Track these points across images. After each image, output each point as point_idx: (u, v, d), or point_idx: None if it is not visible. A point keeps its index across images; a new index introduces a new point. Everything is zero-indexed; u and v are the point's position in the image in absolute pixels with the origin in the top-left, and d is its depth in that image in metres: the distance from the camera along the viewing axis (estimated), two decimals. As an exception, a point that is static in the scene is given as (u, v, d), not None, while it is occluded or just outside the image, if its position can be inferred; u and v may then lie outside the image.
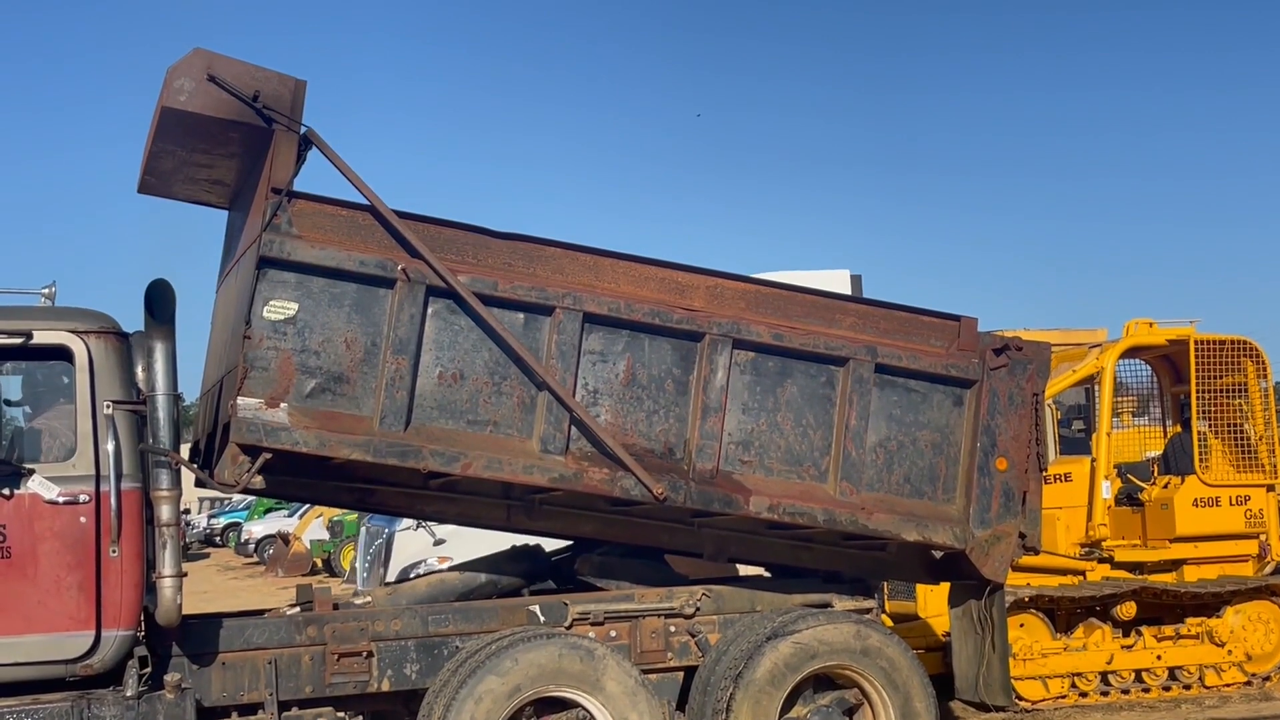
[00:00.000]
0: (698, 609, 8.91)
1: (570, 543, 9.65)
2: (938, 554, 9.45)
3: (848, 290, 14.32)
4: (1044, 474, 9.27)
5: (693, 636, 8.87)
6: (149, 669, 7.52)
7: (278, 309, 7.66)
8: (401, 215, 7.90)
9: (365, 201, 7.87)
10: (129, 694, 7.41)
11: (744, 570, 10.12)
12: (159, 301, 7.79)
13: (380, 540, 18.00)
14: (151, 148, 8.23)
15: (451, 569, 9.49)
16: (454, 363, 8.01)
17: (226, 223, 9.40)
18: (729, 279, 8.65)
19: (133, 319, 7.96)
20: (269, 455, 7.61)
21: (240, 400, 7.55)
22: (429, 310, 7.94)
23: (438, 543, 16.51)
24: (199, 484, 8.30)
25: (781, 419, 8.65)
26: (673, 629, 8.85)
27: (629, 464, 8.17)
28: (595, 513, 8.87)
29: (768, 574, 9.80)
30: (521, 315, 8.12)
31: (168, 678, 7.55)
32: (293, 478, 8.37)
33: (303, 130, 7.78)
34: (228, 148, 8.12)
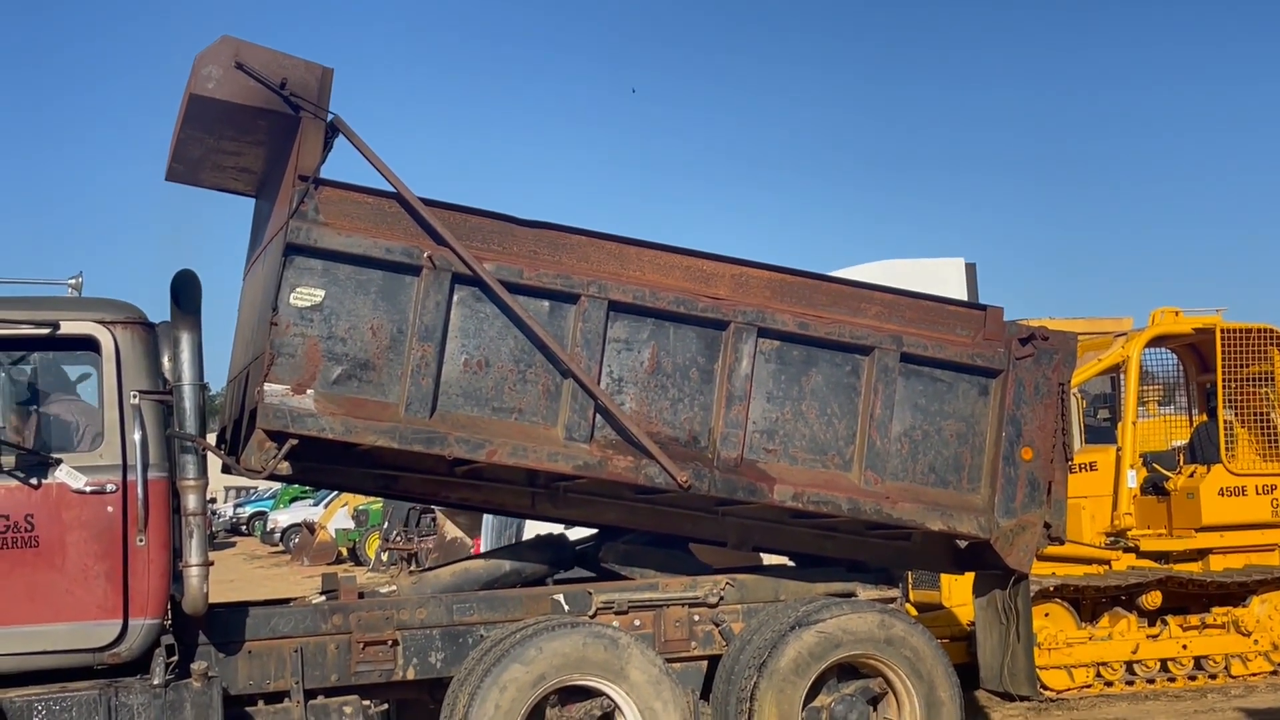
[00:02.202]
0: (722, 598, 8.94)
1: (595, 531, 9.67)
2: (962, 543, 9.43)
3: (962, 279, 14.37)
4: (1070, 464, 9.27)
5: (717, 626, 8.89)
6: (176, 657, 7.55)
7: (304, 296, 7.71)
8: (428, 203, 7.93)
9: (392, 189, 7.90)
10: (156, 682, 7.43)
11: (768, 559, 10.12)
12: (185, 291, 7.86)
13: (510, 529, 17.87)
14: (179, 135, 8.27)
15: (475, 557, 9.52)
16: (479, 350, 8.05)
17: (254, 210, 9.45)
18: (754, 267, 8.66)
19: (159, 310, 8.01)
20: (295, 441, 7.66)
21: (267, 386, 7.60)
22: (454, 298, 7.98)
23: (569, 526, 16.43)
24: (225, 472, 8.35)
25: (806, 408, 8.66)
26: (697, 618, 8.88)
27: (653, 452, 8.19)
28: (620, 501, 8.90)
29: (792, 563, 9.81)
30: (546, 303, 8.15)
31: (194, 666, 7.57)
32: (318, 464, 8.41)
33: (329, 118, 7.82)
34: (255, 135, 8.16)
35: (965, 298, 13.92)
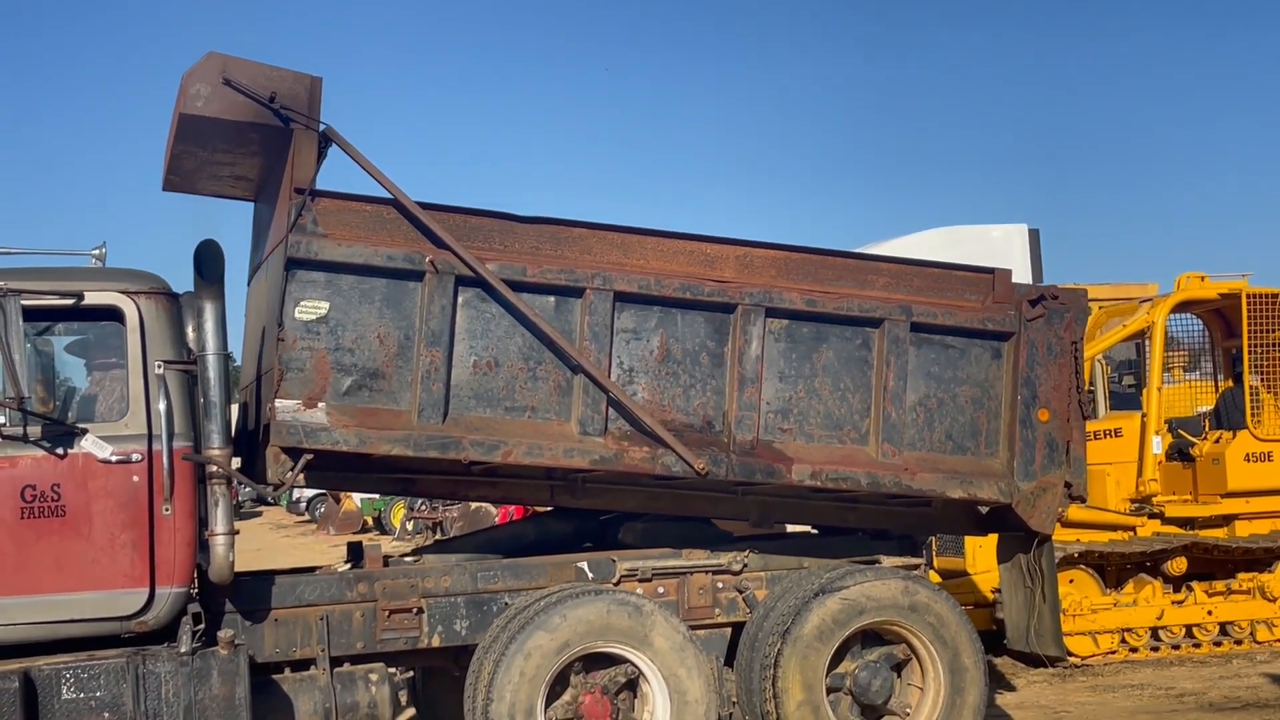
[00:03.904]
0: (745, 566, 8.98)
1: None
2: (984, 508, 9.46)
3: (1025, 245, 14.35)
4: (1086, 421, 9.27)
5: (740, 593, 8.95)
6: (203, 625, 7.60)
7: (309, 309, 7.71)
8: (425, 206, 7.92)
9: (389, 195, 7.90)
10: (183, 650, 7.47)
11: (791, 527, 10.14)
12: (208, 262, 7.86)
13: None
14: (172, 150, 8.29)
15: (500, 527, 9.56)
16: (488, 351, 8.06)
17: (253, 214, 9.45)
18: (757, 247, 8.63)
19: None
20: (310, 456, 7.70)
21: (278, 403, 7.62)
22: (459, 300, 7.98)
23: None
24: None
25: (819, 384, 8.66)
26: (720, 585, 8.93)
27: (668, 441, 8.20)
28: (639, 487, 8.89)
29: (815, 531, 9.84)
30: (552, 298, 8.15)
31: (221, 634, 7.61)
32: (335, 472, 8.47)
33: (321, 128, 7.81)
34: (249, 146, 8.17)
35: (1029, 263, 14.01)
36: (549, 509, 9.69)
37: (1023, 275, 13.33)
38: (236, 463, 8.23)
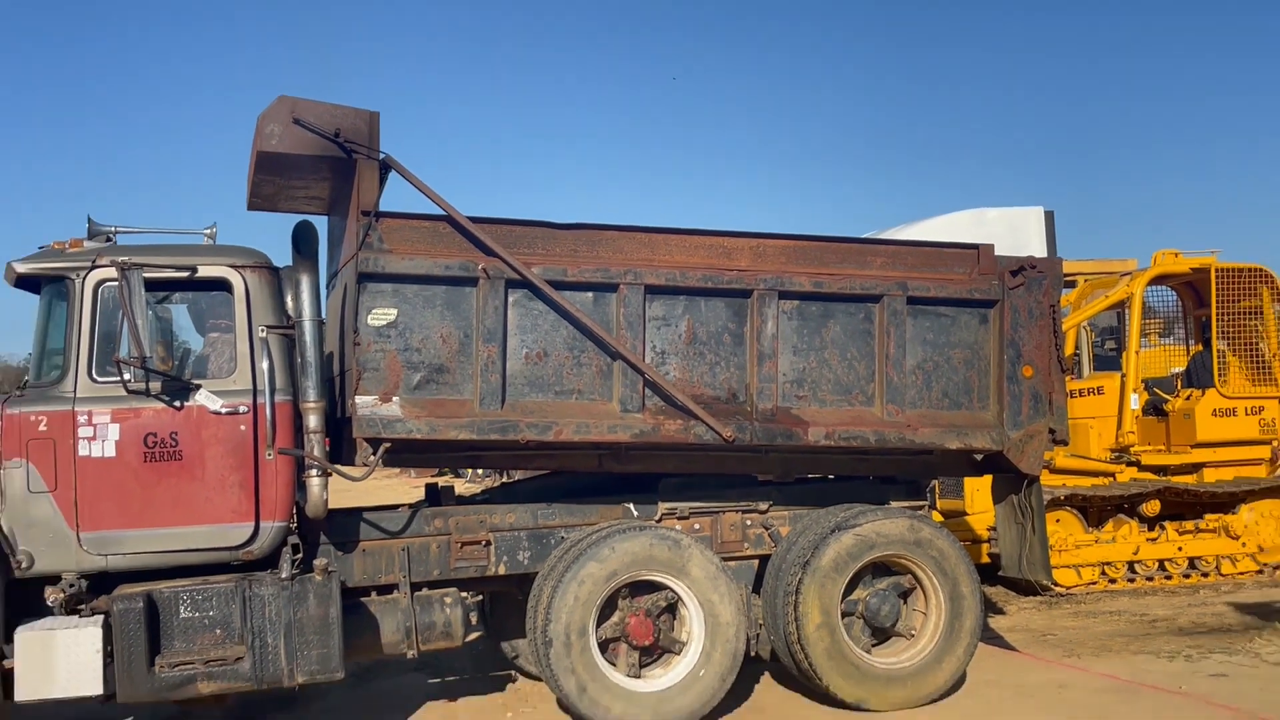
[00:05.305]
0: (771, 506, 9.57)
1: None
2: (978, 455, 10.02)
3: (1041, 225, 14.71)
4: (1068, 376, 9.55)
5: (766, 529, 9.54)
6: (300, 555, 8.27)
7: (380, 316, 8.33)
8: (475, 220, 8.53)
9: (443, 212, 8.52)
10: (284, 576, 8.17)
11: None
12: (304, 240, 8.54)
13: None
14: (253, 180, 8.92)
15: (558, 472, 9.89)
16: (537, 343, 8.66)
17: (328, 226, 10.01)
18: (769, 238, 9.16)
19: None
20: (389, 444, 8.35)
21: (358, 399, 8.25)
22: (509, 300, 8.59)
23: None
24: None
25: (829, 355, 9.20)
26: (749, 522, 9.50)
27: (699, 413, 8.82)
28: (676, 452, 9.38)
29: (831, 477, 10.30)
30: (590, 294, 8.75)
31: (317, 562, 8.29)
32: (412, 454, 9.03)
33: (381, 157, 8.44)
34: (319, 173, 8.80)
35: (1045, 242, 14.43)
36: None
37: (1039, 251, 13.85)
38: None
